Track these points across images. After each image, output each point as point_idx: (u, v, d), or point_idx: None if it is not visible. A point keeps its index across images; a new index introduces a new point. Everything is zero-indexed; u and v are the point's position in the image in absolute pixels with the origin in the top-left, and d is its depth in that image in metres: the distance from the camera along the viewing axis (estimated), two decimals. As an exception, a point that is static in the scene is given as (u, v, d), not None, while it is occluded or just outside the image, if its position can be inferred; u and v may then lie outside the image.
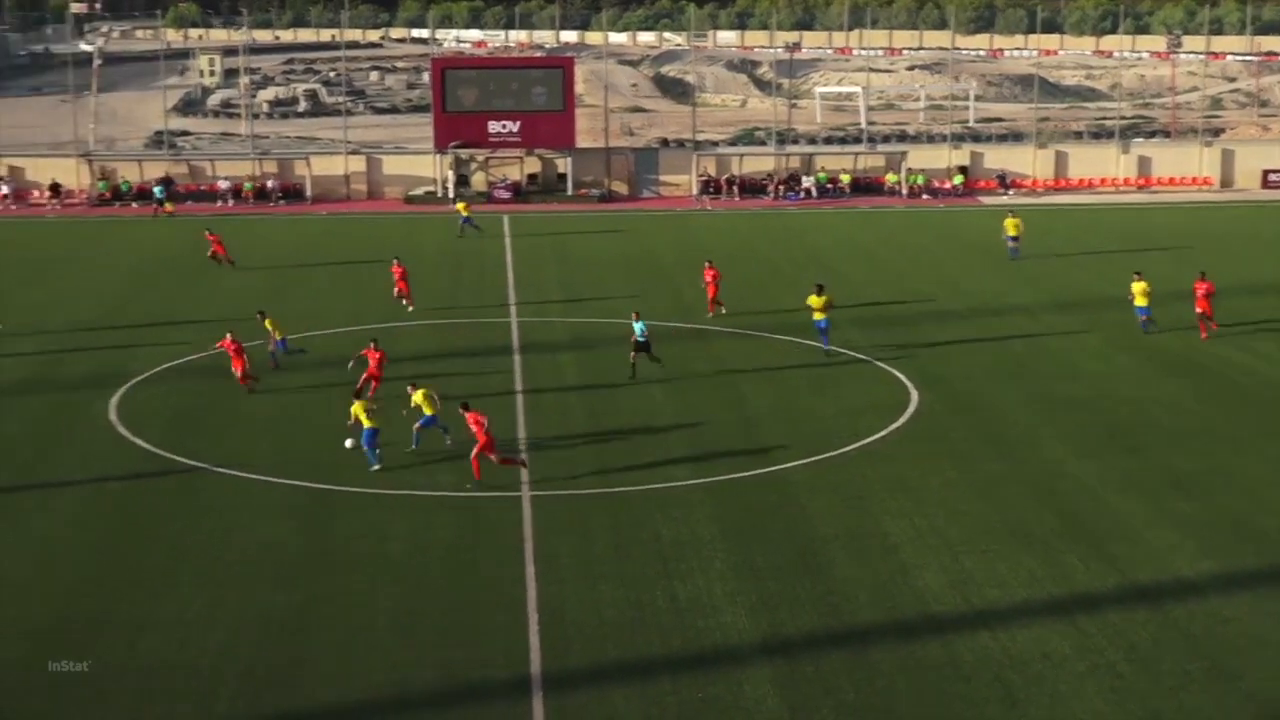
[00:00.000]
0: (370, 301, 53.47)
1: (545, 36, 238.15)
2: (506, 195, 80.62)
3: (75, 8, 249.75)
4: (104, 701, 23.30)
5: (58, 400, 40.12)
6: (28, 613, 26.57)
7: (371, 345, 40.16)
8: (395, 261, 52.81)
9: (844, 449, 35.87)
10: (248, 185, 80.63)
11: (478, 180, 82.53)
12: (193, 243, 64.79)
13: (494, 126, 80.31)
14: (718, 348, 46.54)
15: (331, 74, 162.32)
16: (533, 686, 23.74)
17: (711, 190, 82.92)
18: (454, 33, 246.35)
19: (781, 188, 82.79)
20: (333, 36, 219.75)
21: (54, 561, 29.07)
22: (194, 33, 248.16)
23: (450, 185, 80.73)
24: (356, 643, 25.28)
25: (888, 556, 28.98)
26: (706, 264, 51.37)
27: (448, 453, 35.08)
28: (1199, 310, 47.11)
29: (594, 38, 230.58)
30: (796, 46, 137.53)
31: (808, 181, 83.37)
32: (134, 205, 78.86)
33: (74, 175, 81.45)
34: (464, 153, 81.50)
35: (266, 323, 43.59)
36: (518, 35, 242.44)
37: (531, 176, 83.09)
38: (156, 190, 78.33)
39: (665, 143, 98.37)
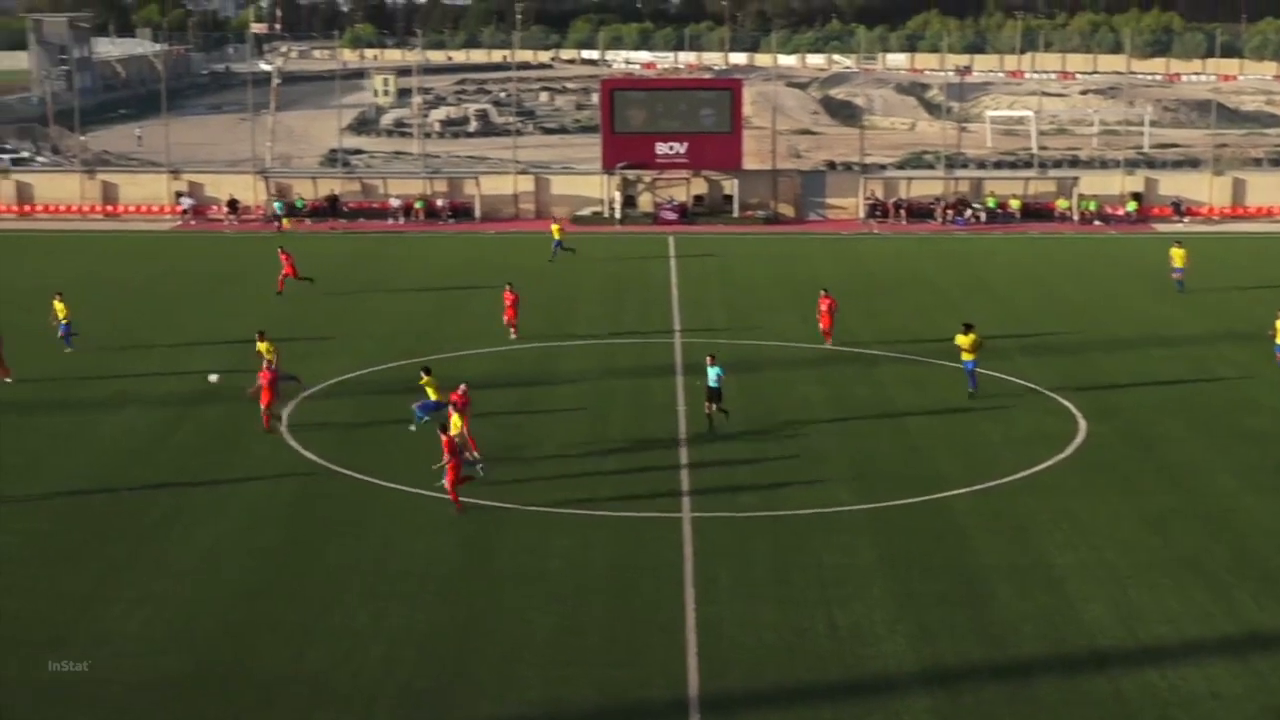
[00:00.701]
0: (529, 321, 53.93)
1: (714, 58, 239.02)
2: (672, 216, 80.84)
3: (256, 28, 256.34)
4: (270, 709, 23.74)
5: (232, 411, 40.94)
6: (193, 618, 27.17)
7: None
8: (508, 288, 51.54)
9: (1009, 478, 35.34)
10: (418, 203, 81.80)
11: (644, 201, 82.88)
12: (363, 259, 65.92)
13: (661, 148, 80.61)
14: (881, 372, 46.14)
15: (502, 94, 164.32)
16: (690, 709, 23.71)
17: (878, 214, 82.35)
18: (623, 54, 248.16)
19: (949, 212, 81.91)
20: (504, 57, 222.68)
21: (221, 569, 29.68)
22: (369, 53, 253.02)
23: (617, 206, 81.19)
24: (515, 660, 25.45)
25: (1053, 588, 28.47)
26: (822, 293, 50.62)
27: (609, 471, 35.28)
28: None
29: (763, 60, 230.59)
30: (967, 69, 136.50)
31: (976, 206, 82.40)
32: (308, 221, 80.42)
33: (251, 191, 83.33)
34: (631, 173, 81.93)
35: (260, 346, 43.09)
36: (687, 57, 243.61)
37: (698, 198, 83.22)
38: (276, 206, 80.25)
39: (832, 165, 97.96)
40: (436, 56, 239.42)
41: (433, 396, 38.68)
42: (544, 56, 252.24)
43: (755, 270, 65.52)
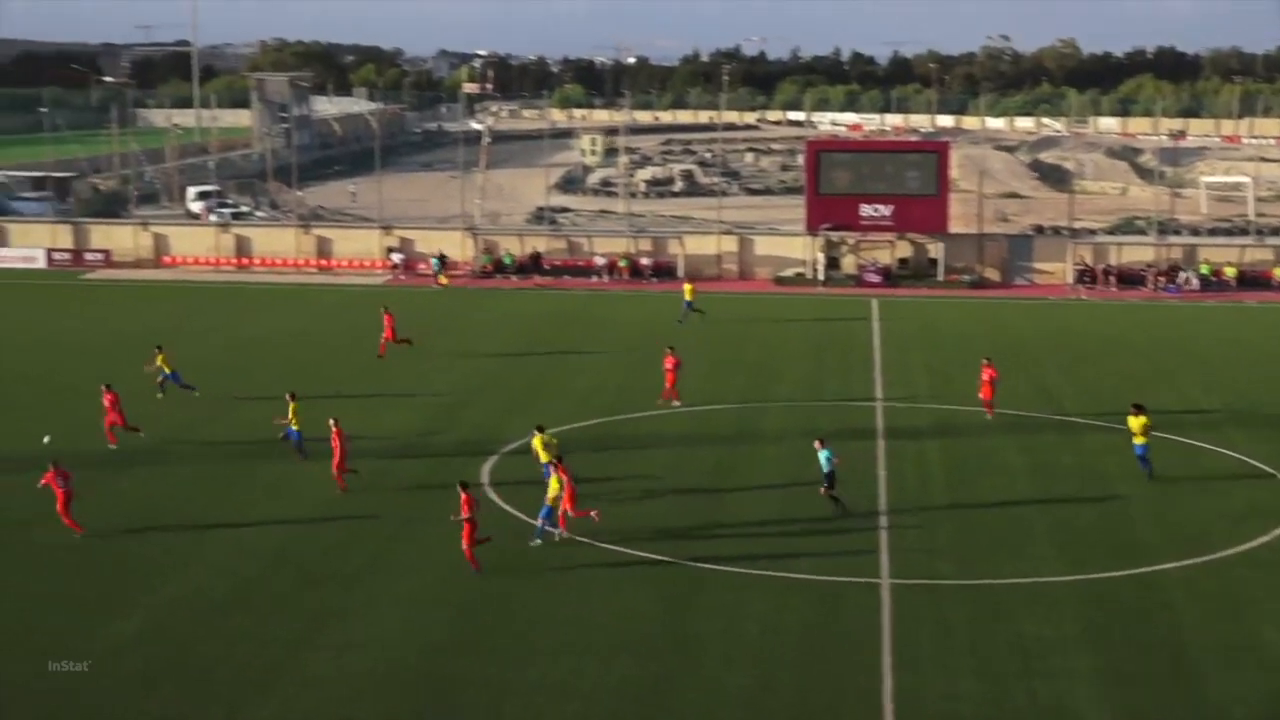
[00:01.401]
0: (730, 381, 53.91)
1: (921, 120, 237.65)
2: (876, 279, 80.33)
3: (468, 89, 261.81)
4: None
5: (434, 465, 41.55)
6: (393, 669, 27.51)
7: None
8: (669, 352, 50.61)
9: (1222, 553, 34.24)
10: (622, 261, 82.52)
11: (847, 263, 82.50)
12: (566, 316, 66.63)
13: (866, 209, 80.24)
14: (1087, 441, 45.14)
15: (707, 155, 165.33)
16: (885, 779, 23.32)
17: (1087, 279, 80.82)
18: (829, 115, 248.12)
19: (1161, 279, 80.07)
20: (710, 118, 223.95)
21: (421, 620, 30.05)
22: (578, 113, 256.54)
23: (820, 267, 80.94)
24: (709, 721, 25.33)
25: (1268, 669, 27.46)
26: (984, 362, 49.30)
27: (807, 534, 35.04)
28: None
29: (970, 122, 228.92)
30: (1181, 134, 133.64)
31: (1189, 273, 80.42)
32: (514, 278, 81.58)
33: (459, 247, 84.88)
34: (835, 235, 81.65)
35: (291, 408, 42.56)
36: (893, 119, 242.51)
37: (902, 260, 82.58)
38: (434, 263, 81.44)
39: (1040, 230, 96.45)
40: (643, 117, 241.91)
41: (543, 458, 38.36)
42: (750, 117, 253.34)
43: (959, 335, 64.69)
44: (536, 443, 38.86)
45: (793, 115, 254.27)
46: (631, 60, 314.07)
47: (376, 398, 50.66)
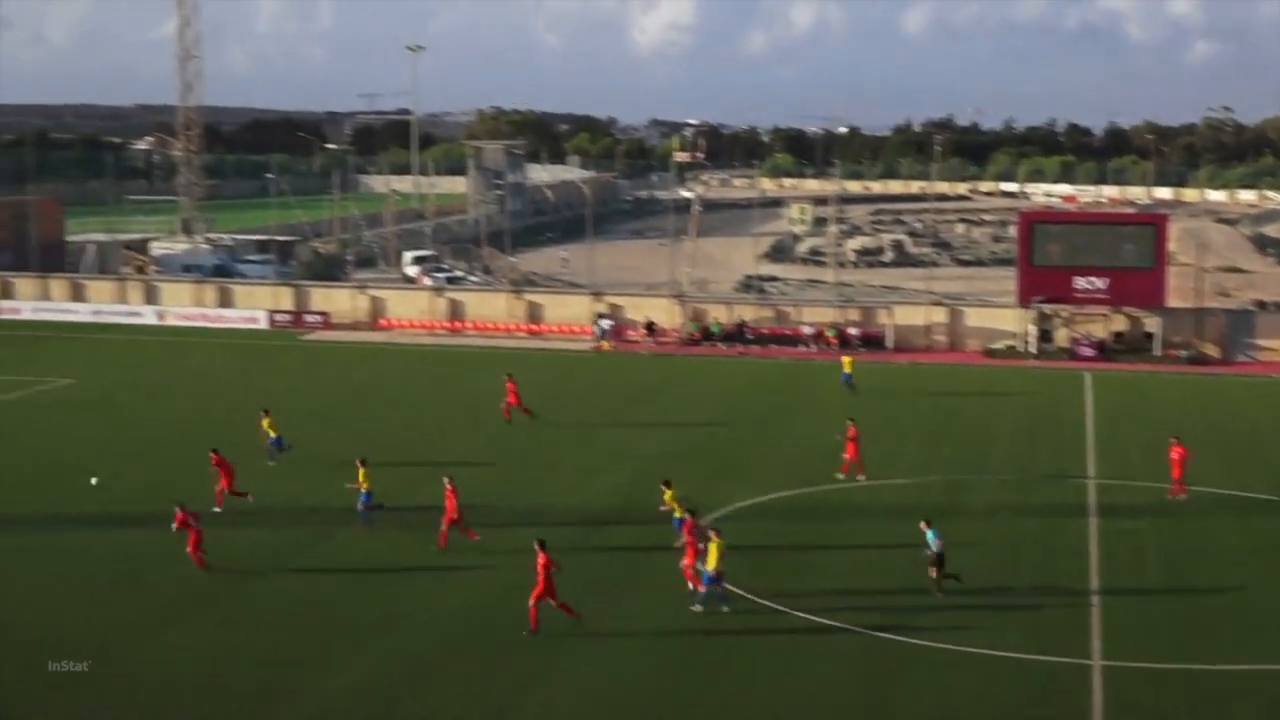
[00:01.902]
0: (941, 452, 53.25)
1: (1137, 193, 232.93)
2: (1090, 353, 78.73)
3: (679, 157, 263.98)
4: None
5: (640, 530, 41.69)
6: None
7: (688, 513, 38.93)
8: (851, 423, 49.65)
9: None
10: (830, 331, 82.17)
11: (1060, 336, 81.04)
12: (772, 384, 66.50)
13: (1080, 282, 78.83)
14: (1315, 525, 43.56)
15: (918, 225, 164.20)
16: None
17: (1312, 357, 78.24)
18: (1043, 187, 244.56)
19: (1392, 358, 77.18)
20: (921, 188, 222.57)
21: (625, 684, 30.13)
22: (788, 182, 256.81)
23: (1032, 340, 79.68)
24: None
25: None
26: (1173, 441, 47.53)
27: (1017, 610, 34.36)
28: None
29: (1189, 195, 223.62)
30: None
31: None
32: (721, 346, 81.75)
33: (667, 314, 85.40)
34: (1048, 307, 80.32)
35: (361, 473, 42.75)
36: (1109, 191, 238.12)
37: (1117, 334, 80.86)
38: (597, 328, 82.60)
39: (1263, 305, 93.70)
40: (854, 186, 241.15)
41: (677, 512, 39.20)
42: (962, 188, 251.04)
43: (1176, 412, 62.98)
44: (668, 497, 40.06)
45: (1006, 186, 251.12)
46: (843, 130, 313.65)
47: (584, 462, 51.04)
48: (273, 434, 50.32)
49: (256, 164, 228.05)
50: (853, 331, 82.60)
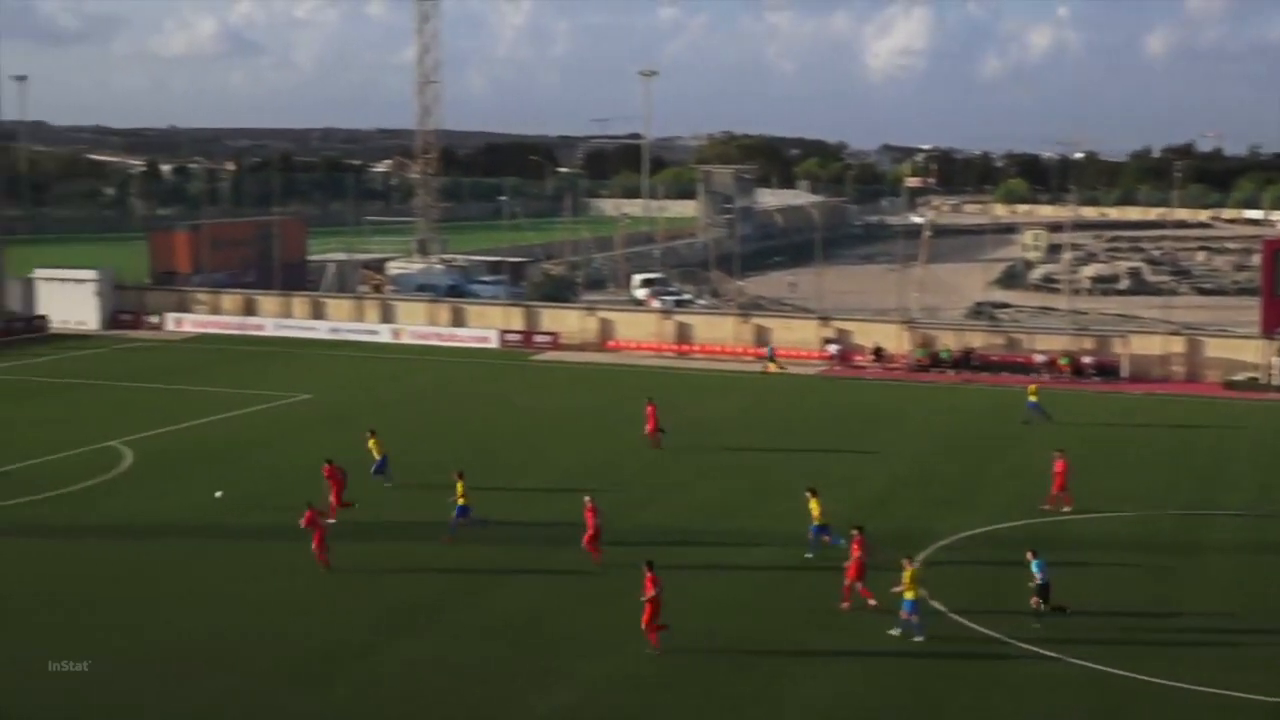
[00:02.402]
0: (1166, 488, 51.75)
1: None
2: (1337, 386, 75.81)
3: (910, 182, 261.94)
4: None
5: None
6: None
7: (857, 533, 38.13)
8: (1058, 454, 48.16)
9: None
10: (1063, 359, 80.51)
11: (1305, 368, 78.14)
12: (1003, 412, 65.39)
13: (1328, 313, 76.03)
14: None
15: (1156, 252, 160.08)
16: None
17: None
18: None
19: None
20: (1159, 215, 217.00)
21: (850, 709, 29.84)
22: (1021, 208, 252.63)
23: (1276, 372, 76.99)
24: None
25: None
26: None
27: (1257, 648, 33.19)
28: None
29: None
30: None
31: None
32: (949, 373, 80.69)
33: (896, 340, 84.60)
34: (1292, 338, 77.58)
35: (459, 486, 43.31)
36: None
37: (1367, 368, 77.67)
38: (768, 350, 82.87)
39: None
40: (1089, 212, 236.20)
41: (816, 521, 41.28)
42: (1203, 215, 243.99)
43: None
44: (813, 505, 41.51)
45: (1250, 214, 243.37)
46: (1078, 155, 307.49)
47: (812, 484, 50.74)
48: (377, 455, 50.13)
49: (491, 187, 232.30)
50: (1086, 360, 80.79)
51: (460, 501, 43.22)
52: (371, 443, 50.46)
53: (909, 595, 34.17)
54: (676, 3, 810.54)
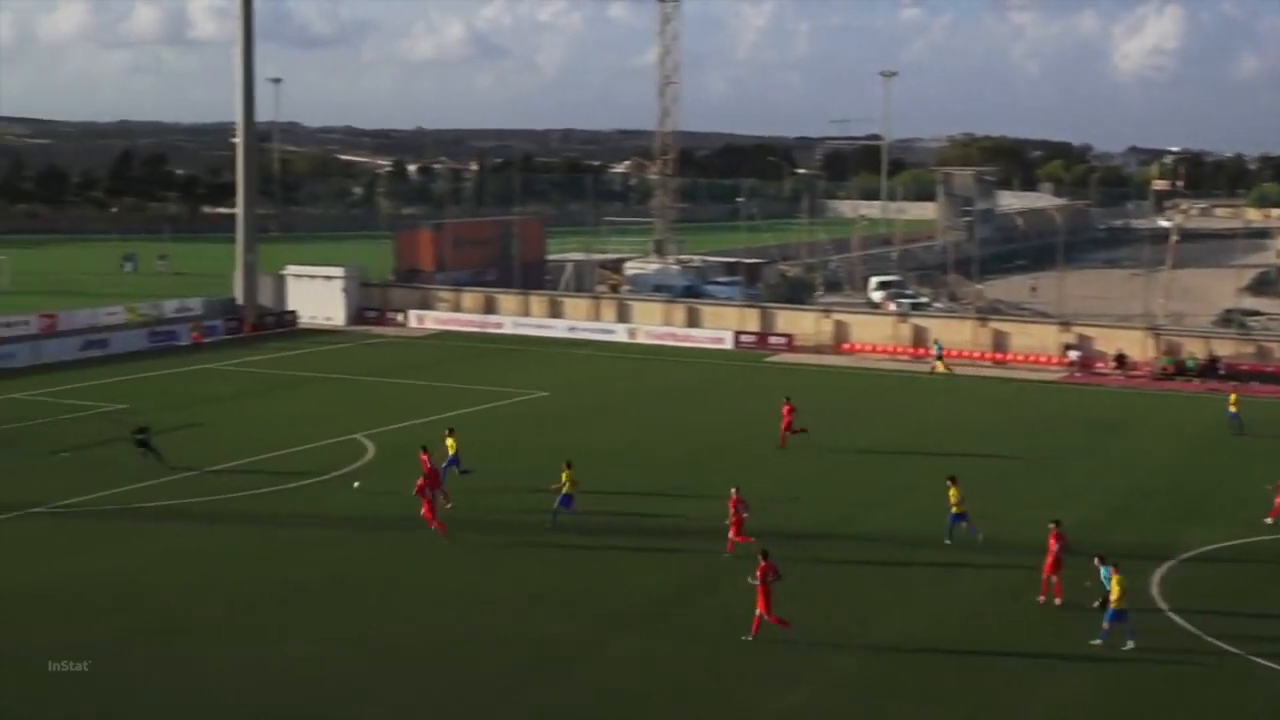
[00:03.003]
0: None
1: None
2: None
3: (1157, 185, 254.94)
4: None
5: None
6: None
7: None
8: None
9: None
10: (1313, 369, 77.60)
11: None
12: (1250, 423, 63.29)
13: None
14: None
15: None
16: None
17: None
18: None
19: None
20: None
21: (1082, 699, 29.35)
22: (1275, 212, 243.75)
23: None
24: None
25: None
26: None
27: None
28: None
29: None
30: None
31: None
32: (1196, 381, 78.35)
33: (1139, 347, 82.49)
34: None
35: (565, 474, 44.05)
36: None
37: None
38: (935, 347, 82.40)
39: None
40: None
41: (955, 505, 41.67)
42: None
43: None
44: (952, 493, 42.74)
45: None
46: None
47: (1044, 494, 49.89)
48: (451, 452, 50.01)
49: (728, 188, 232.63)
50: (1345, 371, 77.72)
51: (565, 490, 44.09)
52: (449, 441, 50.27)
53: (1115, 604, 33.59)
54: (919, 3, 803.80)
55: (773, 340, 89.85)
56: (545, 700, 30.64)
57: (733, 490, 42.11)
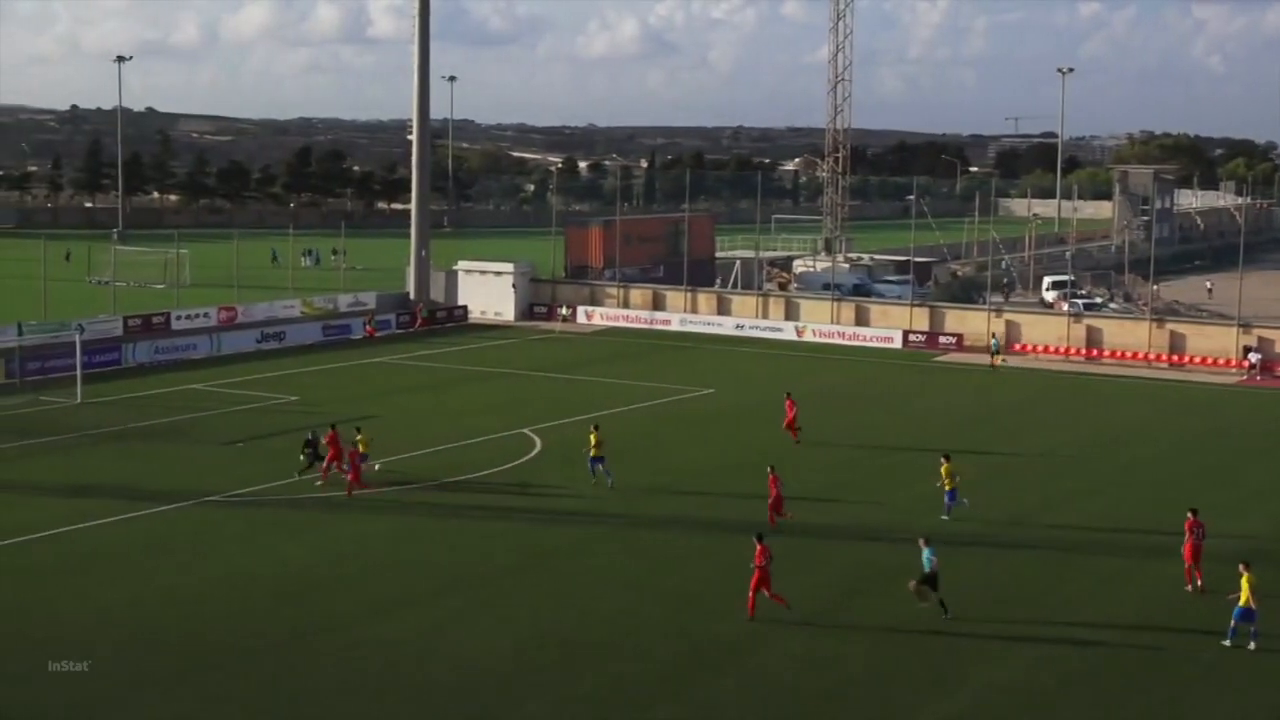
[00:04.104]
0: None
1: None
2: None
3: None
4: None
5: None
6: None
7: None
8: None
9: None
10: None
11: None
12: None
13: None
14: None
15: None
16: None
17: None
18: None
19: None
20: None
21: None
22: None
23: None
24: None
25: None
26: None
27: None
28: None
29: None
30: None
31: None
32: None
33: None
34: None
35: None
36: None
37: None
38: (993, 343, 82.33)
39: None
40: None
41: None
42: None
43: None
44: (944, 470, 44.94)
45: None
46: None
47: (1221, 500, 48.71)
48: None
49: (899, 185, 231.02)
50: None
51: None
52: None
53: (1243, 602, 33.18)
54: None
55: (942, 340, 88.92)
56: (704, 696, 30.69)
57: (769, 469, 44.18)
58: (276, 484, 48.99)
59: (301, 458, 49.75)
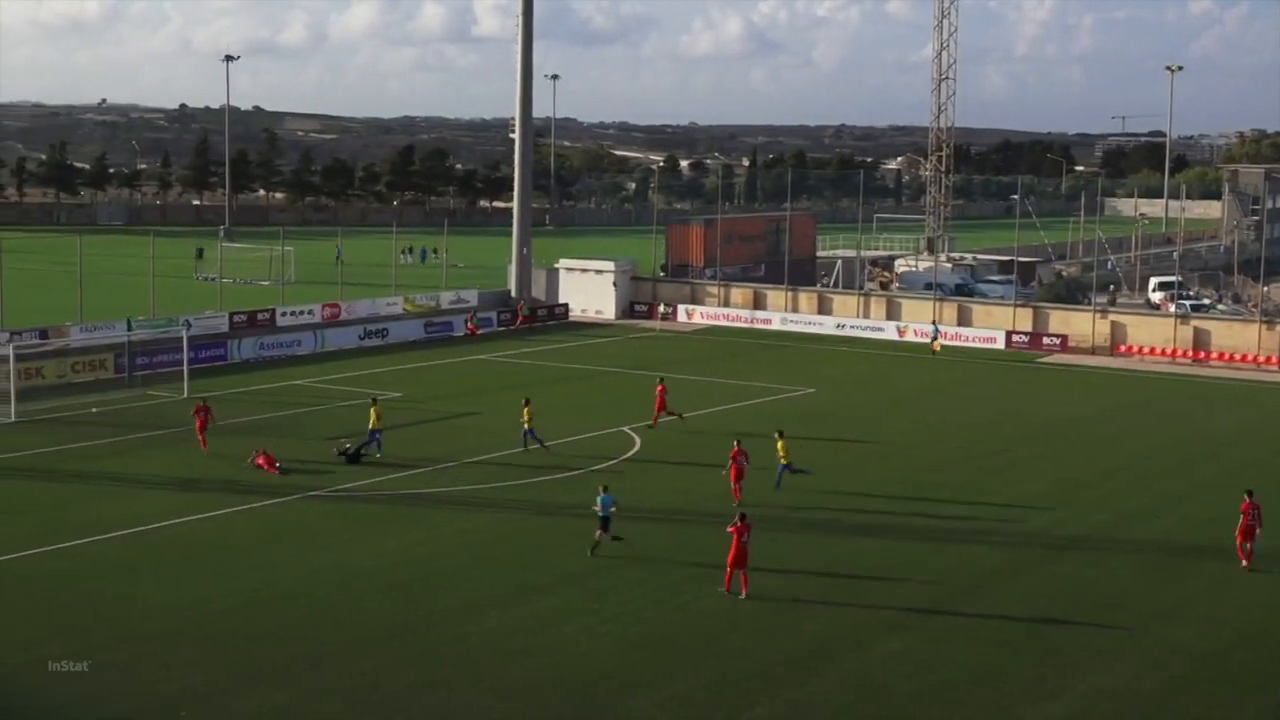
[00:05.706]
0: None
1: None
2: None
3: None
4: None
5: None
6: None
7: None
8: None
9: None
10: None
11: None
12: None
13: None
14: None
15: None
16: None
17: None
18: None
19: None
20: None
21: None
22: None
23: None
24: None
25: None
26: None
27: None
28: None
29: None
30: None
31: None
32: None
33: None
34: None
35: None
36: None
37: None
38: (932, 329, 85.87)
39: None
40: None
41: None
42: None
43: None
44: (780, 446, 48.20)
45: None
46: None
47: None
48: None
49: (1003, 185, 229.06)
50: None
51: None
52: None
53: None
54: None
55: (1046, 341, 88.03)
56: (803, 696, 30.62)
57: (735, 442, 47.08)
58: (377, 479, 49.52)
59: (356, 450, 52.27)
